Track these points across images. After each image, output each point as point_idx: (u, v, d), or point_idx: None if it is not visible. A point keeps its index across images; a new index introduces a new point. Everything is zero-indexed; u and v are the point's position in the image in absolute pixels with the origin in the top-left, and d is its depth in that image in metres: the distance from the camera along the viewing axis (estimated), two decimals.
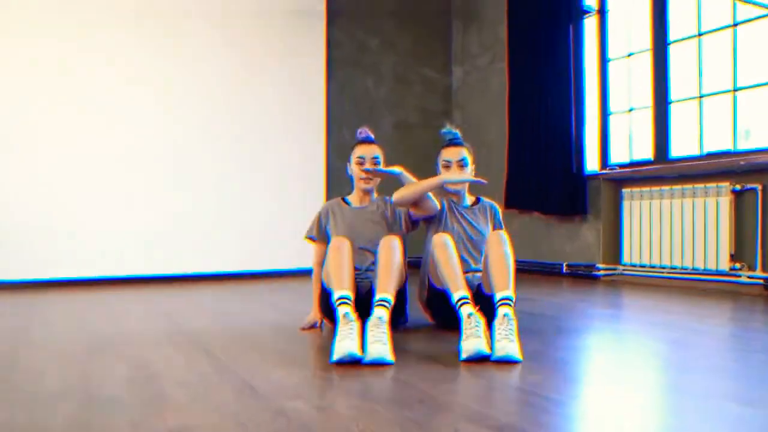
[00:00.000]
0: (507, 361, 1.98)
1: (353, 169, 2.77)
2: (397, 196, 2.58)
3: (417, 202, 2.60)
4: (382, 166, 2.76)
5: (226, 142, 5.24)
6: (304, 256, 5.16)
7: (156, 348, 2.30)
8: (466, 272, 2.58)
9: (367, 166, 2.72)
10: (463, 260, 2.59)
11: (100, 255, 4.71)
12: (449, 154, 2.72)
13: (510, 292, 2.20)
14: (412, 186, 2.58)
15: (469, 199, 2.82)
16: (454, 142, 2.76)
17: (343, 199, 2.83)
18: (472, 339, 2.02)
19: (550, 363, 2.04)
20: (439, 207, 2.68)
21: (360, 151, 2.74)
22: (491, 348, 2.03)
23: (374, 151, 2.74)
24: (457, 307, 2.19)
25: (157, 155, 4.96)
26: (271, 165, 5.42)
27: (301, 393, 1.68)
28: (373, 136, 2.82)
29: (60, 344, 2.39)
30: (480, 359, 2.01)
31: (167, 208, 4.97)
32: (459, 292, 2.22)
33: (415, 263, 2.72)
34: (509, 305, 2.14)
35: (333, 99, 5.83)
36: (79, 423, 1.43)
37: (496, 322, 2.07)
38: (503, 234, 2.40)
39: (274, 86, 5.45)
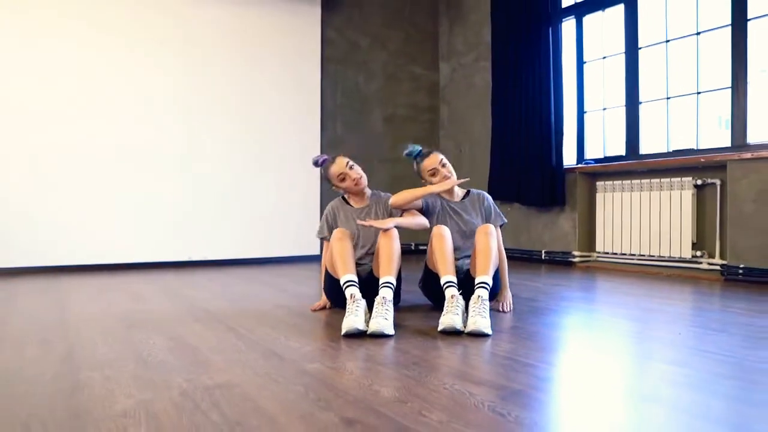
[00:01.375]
0: (478, 334, 2.37)
1: (339, 186, 3.05)
2: (394, 200, 2.93)
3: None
4: (356, 167, 3.03)
5: (232, 139, 5.59)
6: (304, 243, 5.59)
7: (184, 325, 2.65)
8: (458, 258, 2.96)
9: (354, 172, 3.00)
10: (456, 248, 2.97)
11: (115, 243, 5.08)
12: (431, 162, 3.02)
13: (488, 278, 2.59)
14: (409, 194, 2.91)
15: (460, 194, 3.17)
16: (423, 153, 3.06)
17: (343, 198, 3.16)
18: (450, 315, 2.42)
19: (523, 335, 2.41)
20: (425, 227, 2.98)
21: (335, 169, 3.01)
22: (464, 324, 2.42)
23: (344, 161, 3.01)
24: (444, 288, 2.57)
25: (168, 152, 5.32)
26: (273, 158, 5.78)
27: (317, 358, 2.04)
28: (326, 157, 3.08)
29: (98, 321, 2.73)
30: (454, 332, 2.40)
31: (177, 201, 5.34)
32: (447, 276, 2.62)
33: (406, 250, 3.07)
34: (485, 288, 2.54)
35: (326, 95, 6.17)
36: (144, 379, 1.79)
37: (471, 301, 2.48)
38: (491, 227, 2.79)
39: (275, 83, 5.80)
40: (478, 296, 2.48)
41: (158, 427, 1.39)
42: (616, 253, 4.98)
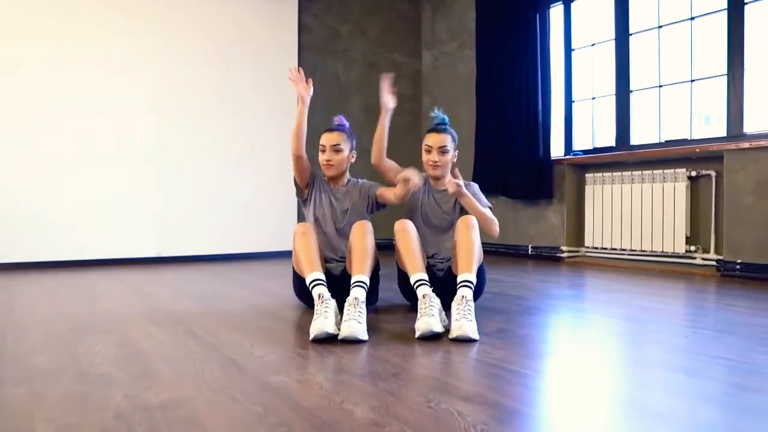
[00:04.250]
0: (464, 340, 2.10)
1: (319, 154, 2.86)
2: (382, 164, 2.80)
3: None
4: (345, 153, 2.85)
5: (206, 131, 5.32)
6: (279, 239, 5.32)
7: (139, 327, 2.39)
8: (434, 255, 2.72)
9: (328, 153, 2.80)
10: (429, 243, 2.73)
11: (81, 240, 4.78)
12: (431, 140, 2.80)
13: (472, 276, 2.33)
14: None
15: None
16: (438, 128, 2.83)
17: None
18: (426, 318, 2.14)
19: (513, 339, 2.18)
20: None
21: (323, 138, 2.85)
22: (443, 326, 2.17)
23: (334, 139, 2.81)
24: (414, 287, 2.33)
25: (139, 146, 5.03)
26: (248, 151, 5.51)
27: (282, 368, 1.79)
28: (347, 125, 2.92)
29: (45, 325, 2.46)
30: (433, 336, 2.14)
31: (148, 196, 5.06)
32: (417, 274, 2.37)
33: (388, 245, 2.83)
34: (469, 287, 2.28)
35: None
36: (76, 396, 1.53)
37: (455, 303, 2.21)
38: (473, 219, 2.53)
39: (250, 72, 5.54)
40: (462, 296, 2.22)
41: None
42: (605, 248, 4.78)
